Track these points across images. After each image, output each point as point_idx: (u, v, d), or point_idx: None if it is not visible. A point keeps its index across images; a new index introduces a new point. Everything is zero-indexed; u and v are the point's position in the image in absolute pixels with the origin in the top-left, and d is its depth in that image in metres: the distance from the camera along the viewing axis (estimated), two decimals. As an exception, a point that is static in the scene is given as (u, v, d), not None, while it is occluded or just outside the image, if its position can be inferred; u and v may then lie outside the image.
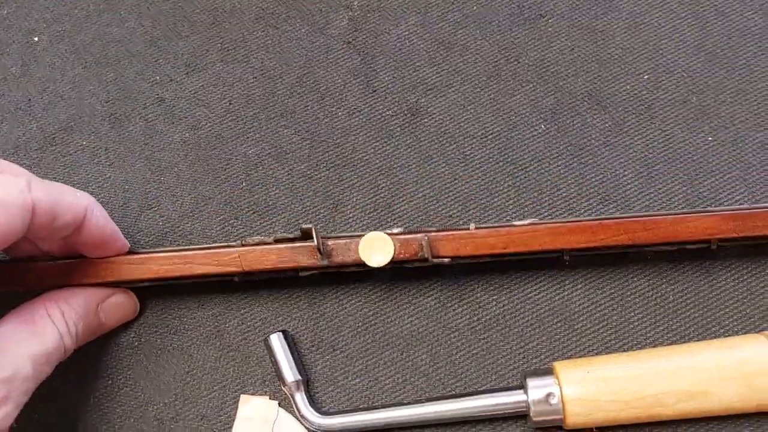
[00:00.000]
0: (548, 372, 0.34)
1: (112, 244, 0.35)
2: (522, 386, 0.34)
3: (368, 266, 0.35)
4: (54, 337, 0.32)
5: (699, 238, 0.35)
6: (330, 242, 0.35)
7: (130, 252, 0.36)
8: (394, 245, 0.35)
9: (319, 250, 0.35)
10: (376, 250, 0.34)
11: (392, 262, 0.35)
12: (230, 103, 0.43)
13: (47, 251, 0.35)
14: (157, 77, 0.44)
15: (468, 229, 0.35)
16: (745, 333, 0.36)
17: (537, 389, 0.33)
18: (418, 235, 0.35)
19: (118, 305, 0.36)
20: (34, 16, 0.46)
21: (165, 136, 0.42)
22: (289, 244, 0.35)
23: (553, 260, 0.37)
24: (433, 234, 0.35)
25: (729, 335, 0.36)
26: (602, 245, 0.35)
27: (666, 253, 0.37)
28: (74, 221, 0.32)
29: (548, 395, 0.33)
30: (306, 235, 0.35)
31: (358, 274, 0.37)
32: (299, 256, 0.35)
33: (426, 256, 0.35)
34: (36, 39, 0.45)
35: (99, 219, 0.33)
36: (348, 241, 0.35)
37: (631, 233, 0.35)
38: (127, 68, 0.44)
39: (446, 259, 0.35)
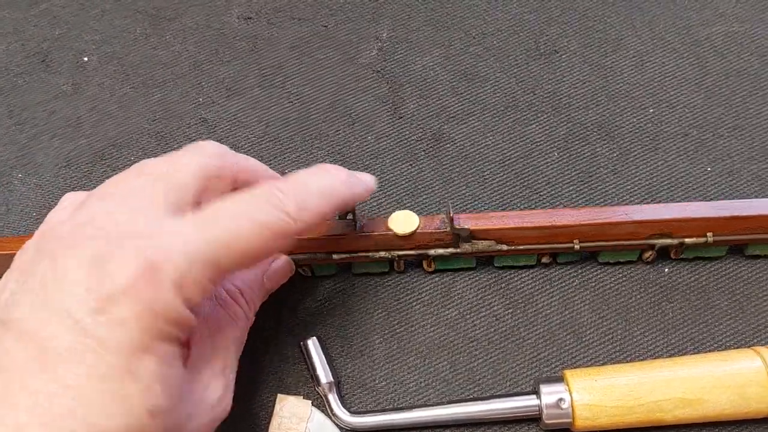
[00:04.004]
0: (559, 379, 0.37)
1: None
2: (535, 392, 0.37)
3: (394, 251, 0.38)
4: (242, 317, 0.36)
5: (693, 217, 0.39)
6: (364, 218, 0.39)
7: None
8: (419, 220, 0.39)
9: (354, 220, 0.38)
10: (403, 223, 0.38)
11: (416, 231, 0.38)
12: (267, 126, 0.46)
13: None
14: (200, 99, 0.47)
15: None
16: (737, 348, 0.39)
17: (549, 395, 0.37)
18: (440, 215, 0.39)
19: (278, 270, 0.39)
20: (84, 38, 0.49)
21: (207, 154, 0.45)
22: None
23: (563, 276, 0.41)
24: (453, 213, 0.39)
25: (722, 350, 0.39)
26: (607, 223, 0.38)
27: (668, 264, 0.41)
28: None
29: (559, 400, 0.36)
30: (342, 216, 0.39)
31: (387, 281, 0.41)
32: (337, 226, 0.39)
33: (447, 228, 0.38)
34: (86, 59, 0.49)
35: None
36: (378, 218, 0.39)
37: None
38: (172, 90, 0.47)
39: (466, 231, 0.38)
